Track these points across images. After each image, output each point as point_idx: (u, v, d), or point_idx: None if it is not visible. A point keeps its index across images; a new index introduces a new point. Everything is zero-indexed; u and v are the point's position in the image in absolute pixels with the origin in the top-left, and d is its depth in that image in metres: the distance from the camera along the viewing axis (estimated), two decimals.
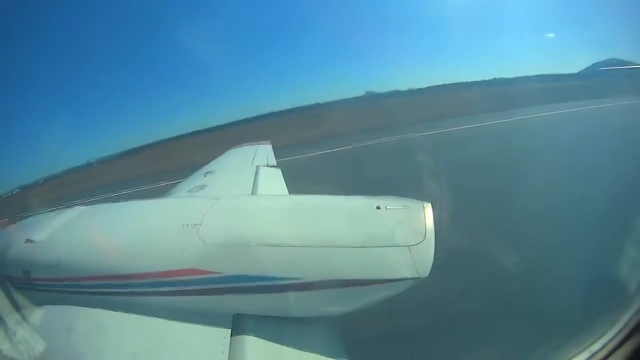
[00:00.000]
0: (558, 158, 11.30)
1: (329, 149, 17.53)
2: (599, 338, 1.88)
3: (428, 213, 2.67)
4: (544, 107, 21.91)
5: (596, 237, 6.09)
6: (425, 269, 2.37)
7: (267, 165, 6.19)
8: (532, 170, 9.74)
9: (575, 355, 1.92)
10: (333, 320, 2.64)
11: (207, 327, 2.38)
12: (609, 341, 1.81)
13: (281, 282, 2.43)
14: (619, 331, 1.80)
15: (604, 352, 1.79)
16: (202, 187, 4.86)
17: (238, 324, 2.42)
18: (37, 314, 2.70)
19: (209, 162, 7.09)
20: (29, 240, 3.16)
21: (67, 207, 3.95)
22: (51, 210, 4.29)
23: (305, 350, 2.37)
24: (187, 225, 2.75)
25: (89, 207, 3.83)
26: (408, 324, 4.12)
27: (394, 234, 2.54)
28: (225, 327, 2.37)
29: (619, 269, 3.69)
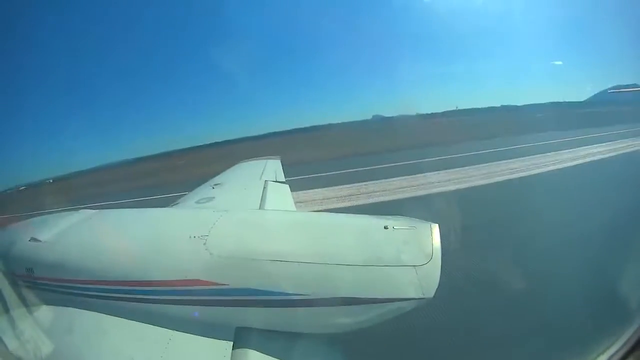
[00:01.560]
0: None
1: (334, 170, 17.46)
2: (602, 353, 1.90)
3: (435, 234, 2.65)
4: (550, 134, 22.02)
5: (600, 253, 6.21)
6: (430, 290, 2.36)
7: (276, 181, 6.18)
8: (537, 199, 9.84)
9: None
10: (336, 338, 2.60)
11: (209, 338, 2.36)
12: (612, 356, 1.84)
13: (286, 297, 2.41)
14: (621, 347, 1.84)
15: None
16: (210, 198, 4.85)
17: (240, 337, 2.40)
18: (39, 313, 2.69)
19: (217, 174, 7.09)
20: (34, 239, 3.16)
21: (73, 209, 3.96)
22: (58, 211, 4.29)
23: None
24: (195, 236, 2.73)
25: (96, 212, 3.83)
26: (410, 343, 4.07)
27: (401, 254, 2.52)
28: (228, 339, 2.35)
29: (621, 286, 3.67)
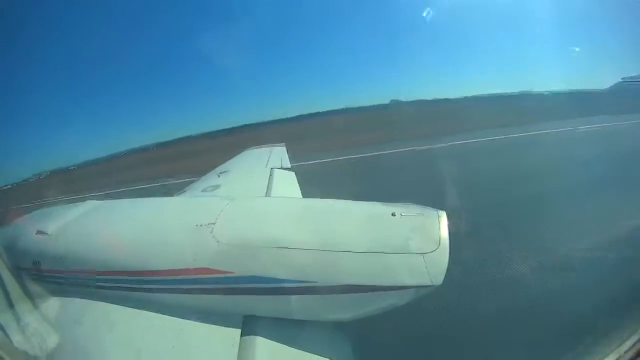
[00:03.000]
0: (581, 172, 11.08)
1: (346, 155, 17.50)
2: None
3: (443, 221, 2.65)
4: (570, 121, 21.81)
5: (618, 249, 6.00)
6: (438, 277, 2.35)
7: (282, 168, 6.18)
8: (556, 183, 9.64)
9: None
10: (344, 325, 2.61)
11: (217, 326, 2.39)
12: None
13: (294, 285, 2.42)
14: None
15: None
16: (216, 187, 4.87)
17: (248, 325, 2.42)
18: (46, 306, 2.72)
19: (223, 162, 7.10)
20: (40, 232, 3.17)
21: (79, 200, 3.96)
22: (63, 203, 4.30)
23: (314, 354, 2.35)
24: (201, 224, 2.73)
25: (101, 202, 3.84)
26: (418, 330, 4.07)
27: (408, 241, 2.51)
28: (236, 327, 2.38)
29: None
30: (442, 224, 2.62)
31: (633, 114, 22.76)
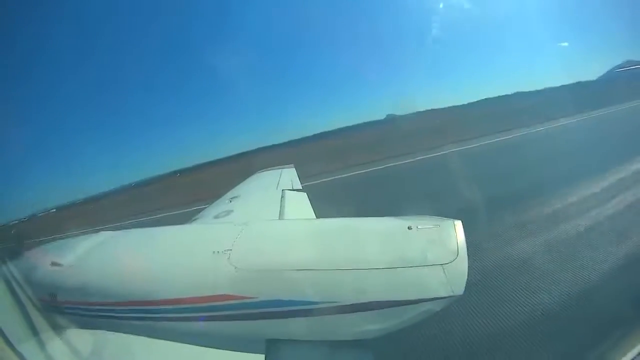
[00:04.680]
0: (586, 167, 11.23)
1: (350, 172, 17.63)
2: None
3: (459, 230, 2.62)
4: (565, 117, 22.19)
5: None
6: (459, 287, 2.32)
7: (293, 189, 6.16)
8: (560, 183, 9.69)
9: None
10: (368, 343, 2.56)
11: (240, 353, 2.34)
12: None
13: (315, 306, 2.38)
14: None
15: None
16: (229, 212, 4.82)
17: (272, 349, 2.38)
18: (65, 338, 2.67)
19: (233, 187, 7.09)
20: (55, 264, 3.16)
21: (93, 232, 3.98)
22: (77, 235, 4.31)
23: None
24: (218, 251, 2.71)
25: (116, 232, 3.84)
26: (446, 344, 4.03)
27: (427, 253, 2.48)
28: (259, 352, 2.33)
29: None
30: (459, 234, 2.59)
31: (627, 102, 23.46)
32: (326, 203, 5.51)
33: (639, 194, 8.16)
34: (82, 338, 2.64)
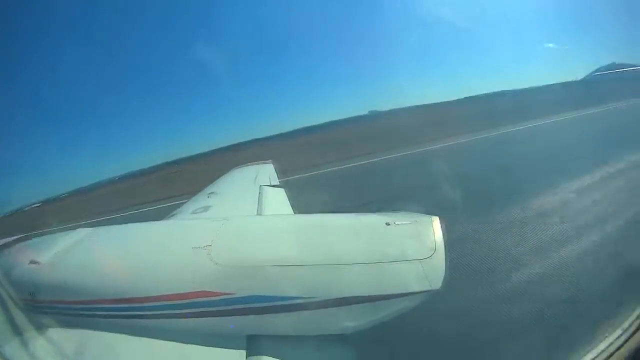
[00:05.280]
0: (566, 163, 11.68)
1: (330, 167, 17.68)
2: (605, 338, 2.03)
3: (436, 226, 2.70)
4: (550, 116, 22.79)
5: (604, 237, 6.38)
6: (437, 281, 2.39)
7: (270, 185, 6.17)
8: (539, 178, 10.02)
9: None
10: (348, 337, 2.60)
11: (221, 349, 2.36)
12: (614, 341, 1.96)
13: (294, 302, 2.41)
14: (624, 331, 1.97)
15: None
16: (207, 208, 4.81)
17: (253, 345, 2.40)
18: (45, 338, 2.64)
19: (211, 183, 7.04)
20: (33, 262, 3.12)
21: (70, 228, 3.92)
22: (54, 232, 4.23)
23: None
24: (198, 247, 2.72)
25: (95, 229, 3.79)
26: (423, 338, 4.12)
27: (405, 248, 2.55)
28: (240, 348, 2.35)
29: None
30: (436, 230, 2.66)
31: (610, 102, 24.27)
32: (301, 200, 5.56)
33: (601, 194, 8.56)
34: (63, 337, 2.61)
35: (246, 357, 2.29)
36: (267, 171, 7.28)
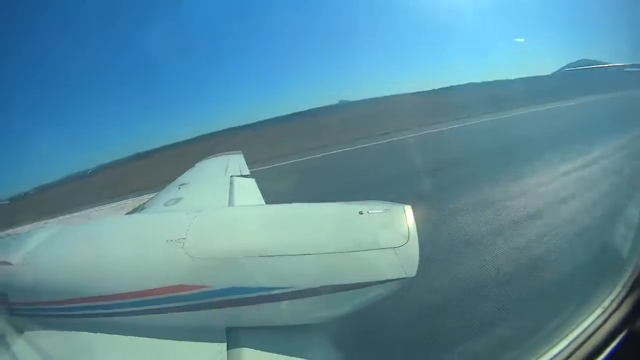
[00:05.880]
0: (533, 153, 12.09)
1: (301, 157, 17.72)
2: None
3: (409, 215, 2.73)
4: (516, 109, 23.54)
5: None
6: (412, 269, 2.42)
7: (241, 175, 6.15)
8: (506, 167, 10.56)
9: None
10: (327, 325, 2.64)
11: (201, 343, 2.34)
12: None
13: (271, 292, 2.42)
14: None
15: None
16: (178, 200, 4.74)
17: (233, 338, 2.40)
18: (20, 341, 2.58)
19: (180, 174, 6.95)
20: (4, 263, 3.02)
21: (35, 225, 3.81)
22: (20, 229, 4.11)
23: (302, 357, 2.36)
24: (171, 240, 2.68)
25: (65, 226, 3.69)
26: (401, 325, 4.22)
27: (379, 237, 2.59)
28: (220, 341, 2.34)
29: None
30: (409, 218, 2.70)
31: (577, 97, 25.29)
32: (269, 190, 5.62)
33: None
34: (40, 339, 2.56)
35: (227, 350, 2.28)
36: (237, 161, 7.23)
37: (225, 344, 2.32)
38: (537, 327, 2.97)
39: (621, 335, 1.90)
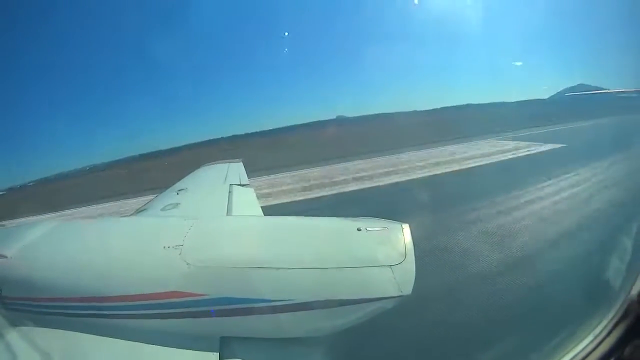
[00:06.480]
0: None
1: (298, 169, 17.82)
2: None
3: (407, 233, 2.73)
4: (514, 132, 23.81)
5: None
6: (407, 287, 2.42)
7: (240, 184, 6.17)
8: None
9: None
10: (320, 339, 2.64)
11: (194, 351, 2.34)
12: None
13: (266, 304, 2.42)
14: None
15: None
16: (176, 205, 4.77)
17: (226, 347, 2.39)
18: (11, 337, 2.56)
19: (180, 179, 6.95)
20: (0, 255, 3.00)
21: (34, 219, 3.80)
22: (18, 223, 4.09)
23: None
24: (169, 246, 2.67)
25: (64, 222, 3.67)
26: (394, 341, 4.21)
27: (376, 254, 2.59)
28: (214, 350, 2.34)
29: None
30: (407, 236, 2.70)
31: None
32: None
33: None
34: (31, 336, 2.54)
35: (220, 359, 2.28)
36: (236, 170, 7.25)
37: (218, 353, 2.32)
38: (529, 353, 2.98)
39: None
